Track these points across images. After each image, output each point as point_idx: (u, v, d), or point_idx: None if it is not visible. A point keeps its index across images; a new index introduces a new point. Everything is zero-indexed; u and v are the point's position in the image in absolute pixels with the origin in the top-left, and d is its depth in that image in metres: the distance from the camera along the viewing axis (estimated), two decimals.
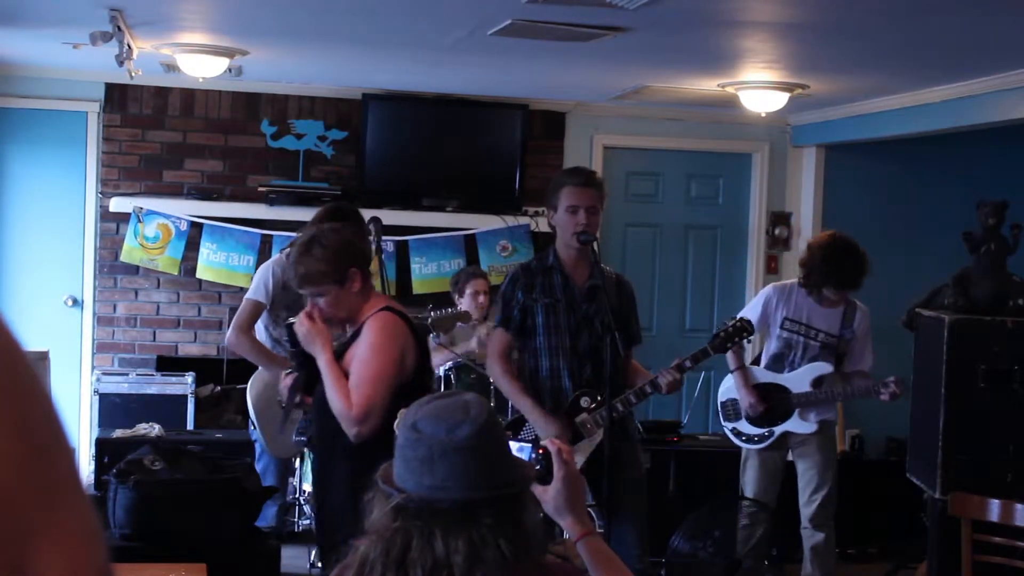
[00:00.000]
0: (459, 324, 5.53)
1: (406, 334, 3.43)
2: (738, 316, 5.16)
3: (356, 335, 3.42)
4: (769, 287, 5.26)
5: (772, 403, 5.05)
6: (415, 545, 1.71)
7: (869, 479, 6.44)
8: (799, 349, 5.06)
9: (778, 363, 5.11)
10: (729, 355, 4.98)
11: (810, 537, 5.08)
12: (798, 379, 5.04)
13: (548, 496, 2.04)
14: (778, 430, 5.07)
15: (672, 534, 5.07)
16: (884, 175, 7.43)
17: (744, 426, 5.14)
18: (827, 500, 5.07)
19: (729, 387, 5.22)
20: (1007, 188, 5.58)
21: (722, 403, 5.25)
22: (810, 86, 5.91)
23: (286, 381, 3.64)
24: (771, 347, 5.15)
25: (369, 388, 3.29)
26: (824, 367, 5.03)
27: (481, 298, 5.82)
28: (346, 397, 3.30)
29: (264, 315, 4.77)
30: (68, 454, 1.06)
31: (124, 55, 4.93)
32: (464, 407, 1.80)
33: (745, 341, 4.56)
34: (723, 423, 5.26)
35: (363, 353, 3.35)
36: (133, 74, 5.38)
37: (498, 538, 1.72)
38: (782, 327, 5.07)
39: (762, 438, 5.10)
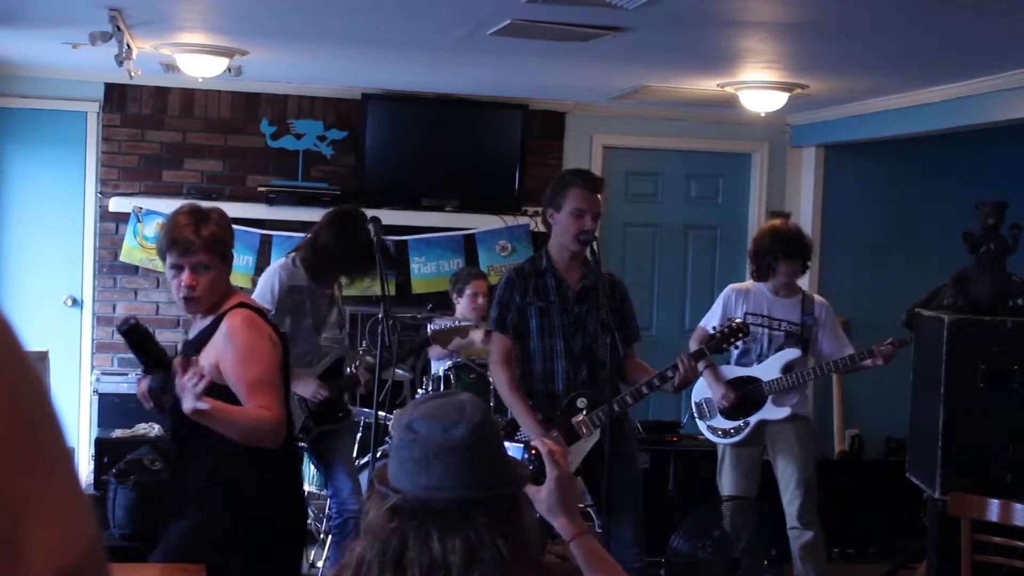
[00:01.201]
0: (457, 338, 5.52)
1: (268, 328, 3.25)
2: (700, 323, 5.25)
3: (212, 330, 3.20)
4: (727, 288, 5.33)
5: (745, 395, 5.09)
6: (412, 545, 1.71)
7: (869, 479, 6.44)
8: (764, 341, 5.12)
9: (746, 357, 5.17)
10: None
11: (799, 536, 5.06)
12: (768, 368, 5.09)
13: (541, 496, 2.04)
14: (753, 420, 5.10)
15: (671, 534, 5.07)
16: (884, 175, 7.43)
17: (719, 421, 5.18)
18: (810, 496, 5.05)
19: (701, 387, 5.25)
20: (1007, 188, 5.58)
21: (696, 403, 5.29)
22: (809, 86, 5.91)
23: (141, 386, 3.35)
24: (737, 343, 5.18)
25: (268, 389, 3.11)
26: (792, 352, 5.08)
27: (480, 299, 5.82)
28: (255, 413, 3.06)
29: None
30: (57, 430, 1.06)
31: (123, 55, 4.93)
32: (459, 407, 1.80)
33: (740, 342, 4.59)
34: (698, 422, 5.29)
35: (239, 355, 3.14)
36: (133, 74, 5.38)
37: (495, 538, 1.71)
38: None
39: (738, 430, 5.13)
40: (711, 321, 5.17)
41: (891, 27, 4.45)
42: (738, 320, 4.43)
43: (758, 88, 5.94)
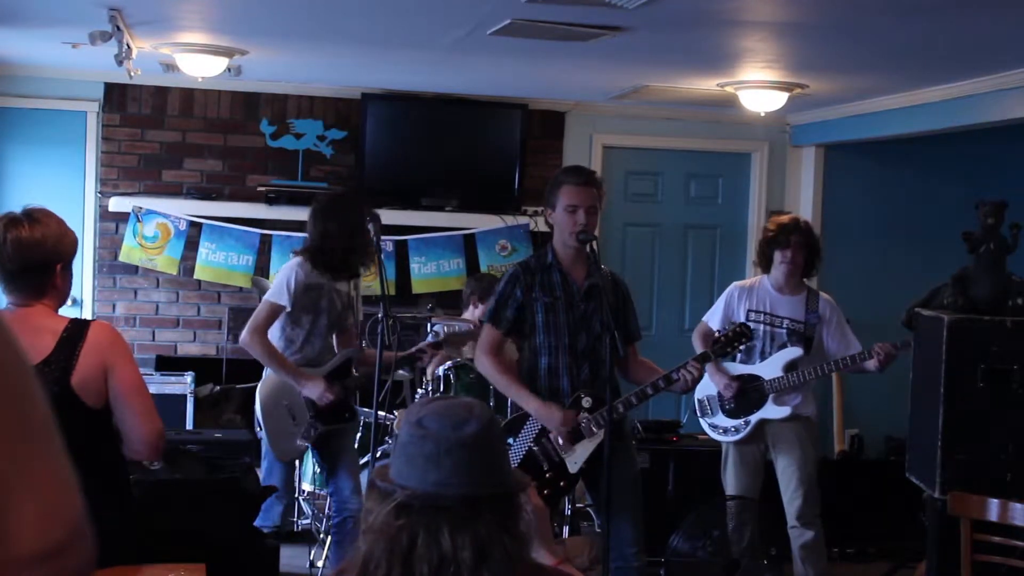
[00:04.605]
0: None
1: None
2: (703, 319, 5.25)
3: None
4: (731, 285, 5.33)
5: (746, 392, 5.08)
6: (421, 542, 1.71)
7: (868, 479, 6.44)
8: (766, 338, 5.11)
9: (749, 355, 5.15)
10: (698, 346, 5.03)
11: (799, 536, 5.06)
12: (770, 366, 5.09)
13: None
14: (753, 419, 5.10)
15: (671, 534, 5.07)
16: (883, 175, 7.44)
17: (720, 419, 5.18)
18: (810, 495, 5.04)
19: (705, 384, 5.24)
20: (1007, 188, 5.58)
21: (698, 400, 5.29)
22: (809, 86, 5.91)
23: None
24: (741, 347, 5.17)
25: None
26: (794, 351, 5.06)
27: None
28: None
29: (282, 316, 4.74)
30: (44, 408, 1.07)
31: (123, 55, 4.93)
32: (467, 406, 1.81)
33: (744, 345, 4.58)
34: (700, 419, 5.29)
35: None
36: (132, 74, 5.38)
37: (502, 535, 1.72)
38: (747, 319, 5.11)
39: (738, 429, 5.13)
40: (713, 317, 5.18)
41: (891, 27, 4.45)
42: (741, 323, 4.42)
43: (758, 88, 5.94)
